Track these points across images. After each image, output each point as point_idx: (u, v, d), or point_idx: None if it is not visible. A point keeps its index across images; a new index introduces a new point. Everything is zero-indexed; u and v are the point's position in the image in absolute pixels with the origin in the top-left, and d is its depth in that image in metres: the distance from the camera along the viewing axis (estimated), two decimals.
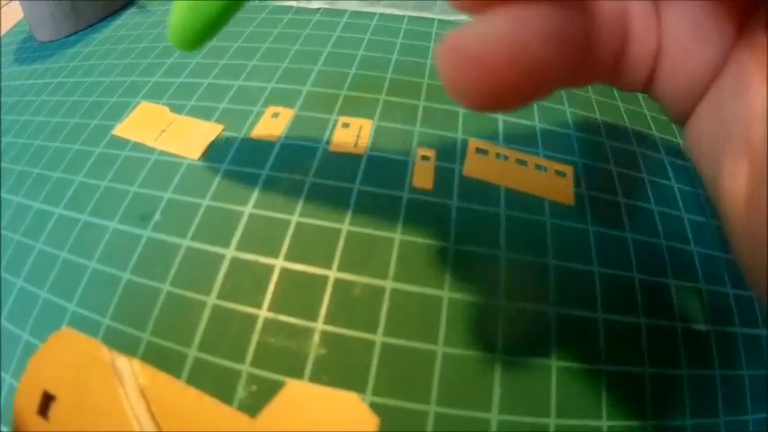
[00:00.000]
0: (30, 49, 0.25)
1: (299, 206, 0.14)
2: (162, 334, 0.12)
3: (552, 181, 0.15)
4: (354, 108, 0.16)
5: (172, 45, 0.10)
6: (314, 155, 0.15)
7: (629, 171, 0.16)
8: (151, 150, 0.16)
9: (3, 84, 0.23)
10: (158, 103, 0.18)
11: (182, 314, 0.12)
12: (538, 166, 0.16)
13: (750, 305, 0.14)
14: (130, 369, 0.10)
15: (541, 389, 0.11)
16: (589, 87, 0.19)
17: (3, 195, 0.18)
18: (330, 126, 0.16)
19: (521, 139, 0.16)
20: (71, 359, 0.11)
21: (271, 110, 0.16)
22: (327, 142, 0.15)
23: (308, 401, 0.09)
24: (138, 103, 0.18)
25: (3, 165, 0.19)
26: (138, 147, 0.17)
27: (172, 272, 0.13)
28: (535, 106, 0.17)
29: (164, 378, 0.10)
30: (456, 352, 0.12)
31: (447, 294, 0.12)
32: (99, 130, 0.18)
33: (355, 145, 0.15)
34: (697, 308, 0.14)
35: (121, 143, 0.17)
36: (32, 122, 0.20)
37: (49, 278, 0.14)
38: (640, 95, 0.20)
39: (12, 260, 0.15)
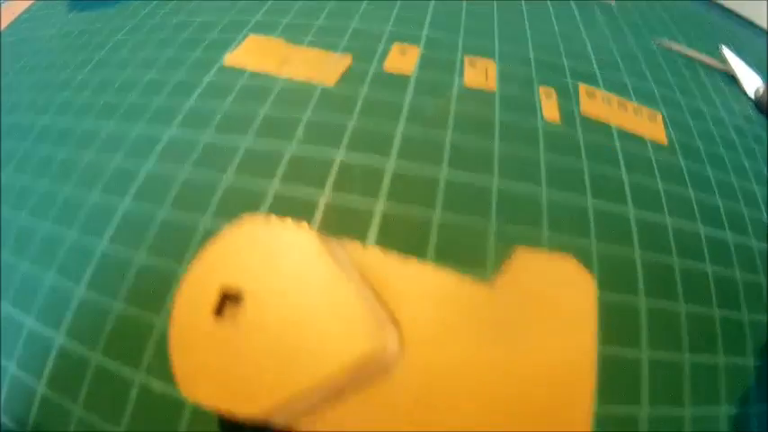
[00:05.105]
0: None
1: (450, 128, 0.14)
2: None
3: (647, 124, 0.17)
4: (475, 52, 0.17)
5: None
6: (451, 86, 0.16)
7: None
8: (275, 78, 0.16)
9: (63, 29, 0.22)
10: (269, 37, 0.18)
11: (347, 223, 0.12)
12: (635, 111, 0.17)
13: None
14: (344, 249, 0.10)
15: None
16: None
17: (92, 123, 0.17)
18: (457, 65, 0.17)
19: (616, 88, 0.18)
20: (264, 247, 0.09)
21: (397, 47, 0.17)
22: (460, 77, 0.16)
23: (533, 266, 0.10)
24: (244, 38, 0.18)
25: (83, 97, 0.18)
26: (257, 75, 0.16)
27: (329, 183, 0.13)
28: (621, 64, 0.19)
29: (386, 256, 0.10)
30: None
31: (591, 201, 0.14)
32: (203, 62, 0.18)
33: (486, 81, 0.16)
34: None
35: (235, 72, 0.17)
36: (110, 59, 0.19)
37: (168, 196, 0.13)
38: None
39: (112, 182, 0.14)
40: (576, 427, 0.08)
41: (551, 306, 0.09)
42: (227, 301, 0.09)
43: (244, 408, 0.08)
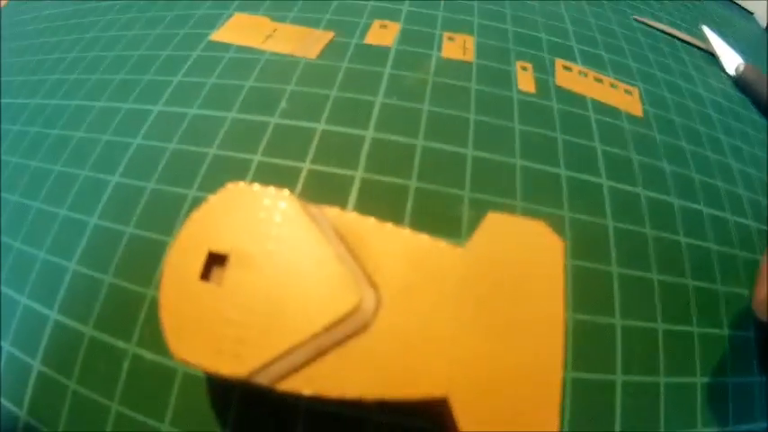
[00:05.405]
0: None
1: (428, 98, 0.15)
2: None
3: (623, 97, 0.18)
4: (454, 27, 0.18)
5: None
6: (429, 59, 0.16)
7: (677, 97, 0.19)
8: (260, 51, 0.17)
9: (55, 11, 0.22)
10: (254, 15, 0.18)
11: (327, 190, 0.13)
12: (611, 85, 0.18)
13: None
14: (324, 214, 0.10)
15: None
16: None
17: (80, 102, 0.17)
18: (436, 39, 0.17)
19: (594, 63, 0.19)
20: (246, 212, 0.10)
21: (378, 22, 0.17)
22: (439, 50, 0.17)
23: (504, 230, 0.10)
24: (230, 15, 0.18)
25: (74, 76, 0.19)
26: (243, 49, 0.17)
27: (311, 151, 0.14)
28: (599, 40, 0.20)
29: (364, 220, 0.10)
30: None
31: (564, 172, 0.14)
32: (191, 38, 0.18)
33: (464, 54, 0.16)
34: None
35: (222, 46, 0.17)
36: (100, 38, 0.20)
37: (157, 169, 0.14)
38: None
39: (103, 158, 0.15)
40: (547, 391, 0.09)
41: (520, 268, 0.10)
42: (214, 264, 0.09)
43: (229, 368, 0.08)
